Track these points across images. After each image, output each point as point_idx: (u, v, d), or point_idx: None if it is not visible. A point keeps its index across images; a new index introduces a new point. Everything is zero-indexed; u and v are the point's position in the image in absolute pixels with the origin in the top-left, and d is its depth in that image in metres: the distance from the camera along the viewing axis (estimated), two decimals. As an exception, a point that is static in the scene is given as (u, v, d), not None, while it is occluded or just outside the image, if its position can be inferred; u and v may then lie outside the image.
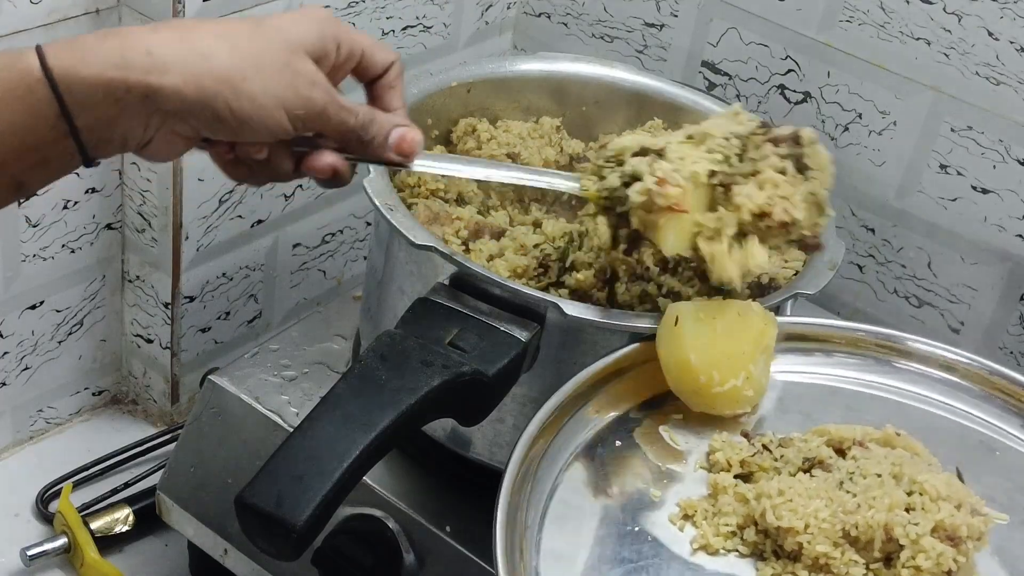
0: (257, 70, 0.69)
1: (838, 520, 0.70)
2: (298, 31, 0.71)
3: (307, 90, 0.71)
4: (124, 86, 0.66)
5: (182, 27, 0.69)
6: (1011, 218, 1.07)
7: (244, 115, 0.69)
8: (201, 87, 0.67)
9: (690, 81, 1.18)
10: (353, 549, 0.89)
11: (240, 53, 0.68)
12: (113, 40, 0.67)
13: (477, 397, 0.80)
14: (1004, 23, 1.02)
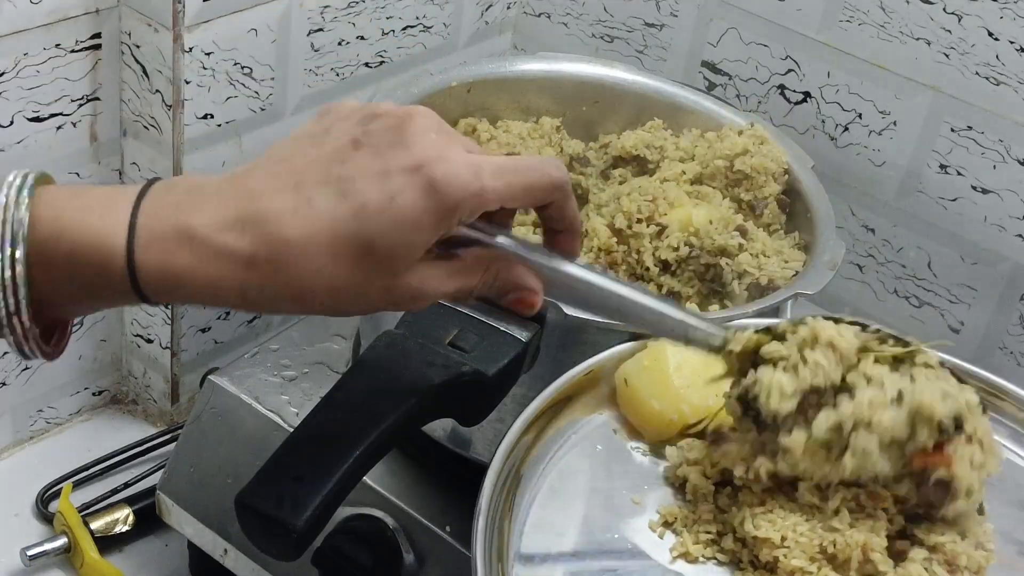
0: (351, 302, 0.62)
1: (816, 535, 0.70)
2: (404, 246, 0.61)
3: (408, 304, 0.65)
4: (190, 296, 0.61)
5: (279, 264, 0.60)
6: (1011, 218, 1.07)
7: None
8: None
9: (690, 81, 1.18)
10: (353, 549, 0.89)
11: (336, 293, 0.61)
12: (210, 270, 0.59)
13: (477, 397, 0.80)
14: (1004, 23, 1.02)
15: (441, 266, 0.63)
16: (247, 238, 0.58)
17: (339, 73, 1.14)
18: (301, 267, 0.59)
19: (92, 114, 1.03)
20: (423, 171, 0.59)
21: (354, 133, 0.60)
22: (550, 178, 0.64)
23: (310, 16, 1.08)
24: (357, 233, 0.58)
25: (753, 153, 0.99)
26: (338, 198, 0.59)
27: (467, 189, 0.59)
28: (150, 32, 0.99)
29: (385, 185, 0.59)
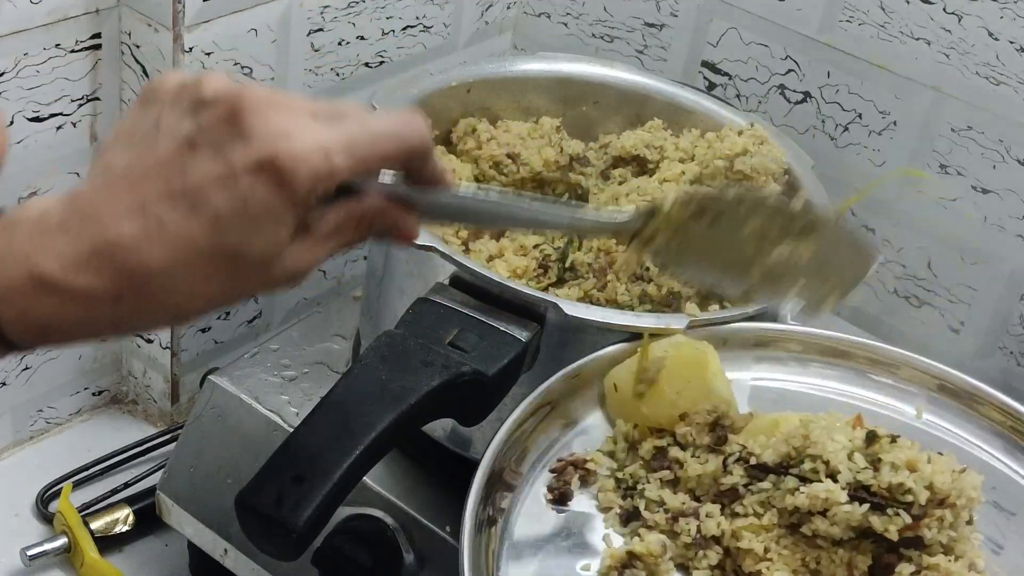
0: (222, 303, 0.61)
1: (800, 550, 0.70)
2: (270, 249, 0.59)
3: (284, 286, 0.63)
4: (65, 339, 0.59)
5: (148, 291, 0.57)
6: (1011, 218, 1.07)
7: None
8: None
9: (690, 81, 1.18)
10: (353, 549, 0.89)
11: (208, 300, 0.60)
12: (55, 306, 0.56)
13: (477, 397, 0.80)
14: (1004, 23, 1.02)
15: (310, 238, 0.60)
16: (106, 274, 0.56)
17: (339, 73, 1.14)
18: (171, 294, 0.57)
19: (92, 114, 1.03)
20: (268, 165, 0.56)
21: (186, 130, 0.57)
22: (408, 145, 0.61)
23: (310, 16, 1.08)
24: (219, 246, 0.56)
25: (753, 153, 0.99)
26: (189, 213, 0.55)
27: (316, 173, 0.57)
28: (150, 32, 0.99)
29: (233, 189, 0.56)
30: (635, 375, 0.79)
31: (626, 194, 0.93)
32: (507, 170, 0.99)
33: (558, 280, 0.91)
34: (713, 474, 0.75)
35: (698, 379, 0.79)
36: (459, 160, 1.00)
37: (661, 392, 0.78)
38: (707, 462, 0.76)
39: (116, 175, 0.57)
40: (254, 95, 0.57)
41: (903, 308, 1.15)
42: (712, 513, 0.73)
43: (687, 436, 0.77)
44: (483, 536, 0.72)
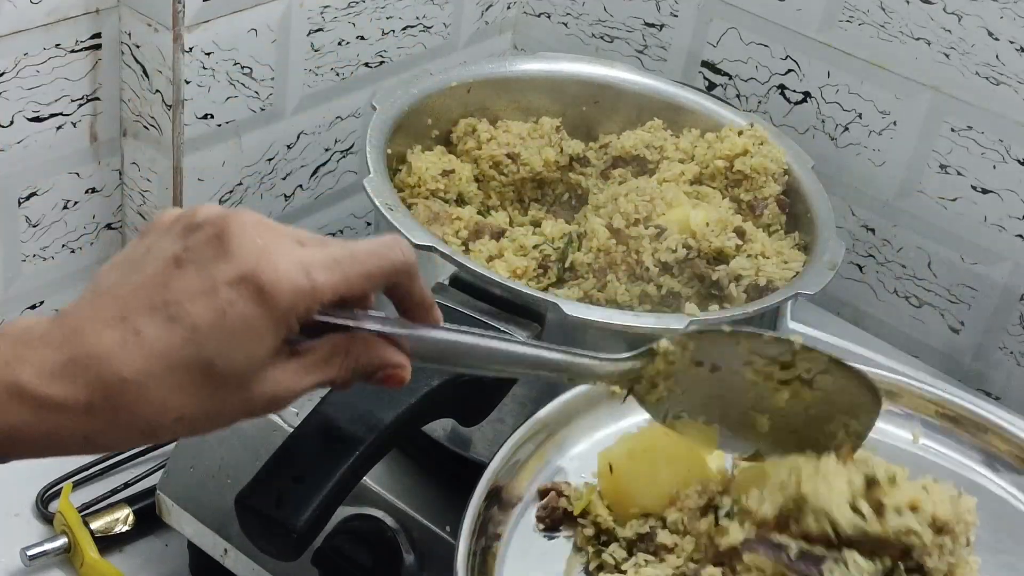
0: (209, 423, 0.60)
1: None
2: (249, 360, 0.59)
3: (265, 412, 0.62)
4: (32, 452, 0.60)
5: (120, 406, 0.57)
6: (1011, 218, 1.07)
7: None
8: None
9: (690, 81, 1.18)
10: (353, 549, 0.89)
11: (191, 423, 0.59)
12: (27, 416, 0.57)
13: (477, 397, 0.80)
14: (1004, 23, 1.02)
15: (293, 364, 0.60)
16: (80, 383, 0.56)
17: (339, 73, 1.14)
18: (143, 404, 0.56)
19: (92, 114, 1.03)
20: (249, 280, 0.56)
21: (174, 250, 0.58)
22: (390, 262, 0.61)
23: (310, 16, 1.08)
24: (195, 357, 0.56)
25: (753, 153, 0.99)
26: (167, 324, 0.56)
27: (297, 289, 0.57)
28: (150, 32, 0.99)
29: (213, 302, 0.56)
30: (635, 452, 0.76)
31: (625, 194, 0.93)
32: (507, 170, 0.99)
33: (558, 280, 0.91)
34: (707, 532, 0.72)
35: (696, 464, 0.76)
36: (459, 160, 1.00)
37: (656, 478, 0.75)
38: (699, 522, 0.73)
39: (102, 292, 0.58)
40: (241, 218, 0.58)
41: (903, 308, 1.15)
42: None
43: (678, 524, 0.73)
44: (476, 561, 0.72)
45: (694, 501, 0.74)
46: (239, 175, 1.10)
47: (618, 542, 0.74)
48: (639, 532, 0.74)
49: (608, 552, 0.73)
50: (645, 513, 0.75)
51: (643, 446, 0.76)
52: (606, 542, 0.74)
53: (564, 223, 0.96)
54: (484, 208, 0.99)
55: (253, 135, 1.09)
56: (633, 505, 0.75)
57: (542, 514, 0.76)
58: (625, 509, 0.75)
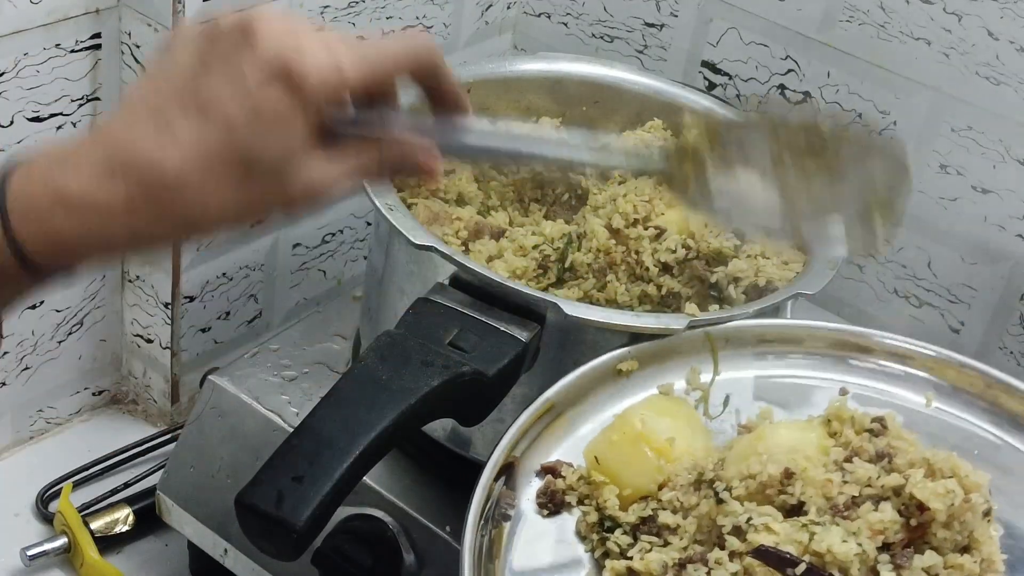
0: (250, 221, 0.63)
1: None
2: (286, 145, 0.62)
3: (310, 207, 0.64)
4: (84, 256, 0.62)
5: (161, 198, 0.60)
6: (1011, 218, 1.07)
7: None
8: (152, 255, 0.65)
9: (690, 81, 1.18)
10: (353, 549, 0.89)
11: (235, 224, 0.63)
12: (74, 220, 0.59)
13: (477, 397, 0.80)
14: (1004, 23, 1.02)
15: (326, 155, 0.61)
16: (121, 184, 0.58)
17: (339, 73, 1.14)
18: (184, 198, 0.58)
19: (92, 114, 1.03)
20: (277, 68, 0.57)
21: (201, 52, 0.59)
22: (414, 46, 0.63)
23: (310, 16, 1.08)
24: (229, 148, 0.58)
25: (753, 153, 0.99)
26: (201, 119, 0.58)
27: (325, 72, 0.58)
28: (150, 32, 0.99)
29: (243, 93, 0.58)
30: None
31: (624, 194, 0.93)
32: (507, 170, 0.99)
33: (558, 280, 0.91)
34: (709, 514, 0.72)
35: (682, 438, 0.77)
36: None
37: (644, 458, 0.76)
38: (698, 505, 0.73)
39: (134, 104, 0.60)
40: (267, 11, 0.60)
41: (903, 308, 1.15)
42: (721, 560, 0.70)
43: (674, 501, 0.74)
44: (483, 545, 0.72)
45: (684, 478, 0.75)
46: (239, 175, 1.10)
47: (621, 527, 0.74)
48: (641, 516, 0.74)
49: (613, 539, 0.74)
50: (643, 496, 0.76)
51: (621, 432, 0.77)
52: (610, 528, 0.75)
53: (564, 224, 0.96)
54: (484, 208, 0.99)
55: (253, 135, 1.08)
56: (626, 488, 0.75)
57: (542, 499, 0.76)
58: (621, 492, 0.76)
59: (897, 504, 0.70)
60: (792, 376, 0.85)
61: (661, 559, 0.71)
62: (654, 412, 0.78)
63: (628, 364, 0.82)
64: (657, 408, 0.79)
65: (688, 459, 0.76)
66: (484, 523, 0.73)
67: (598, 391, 0.81)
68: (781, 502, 0.71)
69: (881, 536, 0.69)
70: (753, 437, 0.76)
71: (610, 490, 0.75)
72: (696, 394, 0.83)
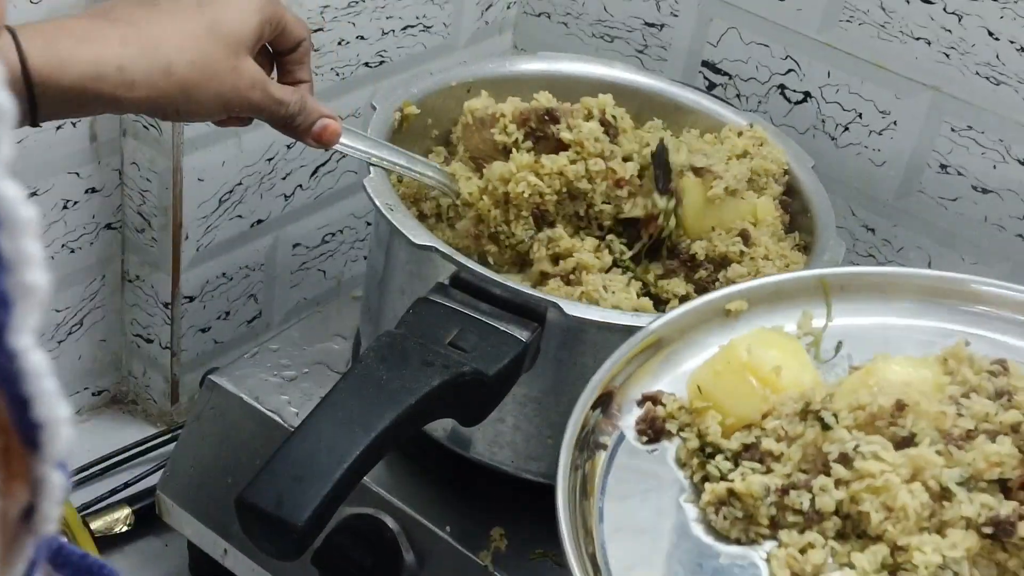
0: (209, 78, 0.77)
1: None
2: (244, 29, 0.79)
3: (248, 92, 0.80)
4: (95, 96, 0.73)
5: (148, 37, 0.75)
6: (1011, 218, 1.07)
7: (191, 114, 0.80)
8: (161, 97, 0.76)
9: (690, 81, 1.18)
10: (353, 549, 0.89)
11: (198, 65, 0.77)
12: (87, 50, 0.73)
13: (477, 397, 0.80)
14: (1004, 23, 1.02)
15: (267, 74, 0.82)
16: (118, 26, 0.74)
17: (339, 73, 1.14)
18: (165, 43, 0.75)
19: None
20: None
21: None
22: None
23: (310, 16, 1.08)
24: (203, 15, 0.77)
25: (753, 155, 0.99)
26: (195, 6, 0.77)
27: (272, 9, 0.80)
28: (150, 32, 0.99)
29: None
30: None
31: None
32: None
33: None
34: (815, 442, 0.70)
35: (789, 369, 0.75)
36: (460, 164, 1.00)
37: (749, 388, 0.74)
38: (804, 434, 0.71)
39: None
40: None
41: (903, 308, 1.15)
42: (826, 487, 0.68)
43: (778, 430, 0.72)
44: (578, 476, 0.70)
45: (790, 407, 0.72)
46: (239, 175, 1.10)
47: (723, 453, 0.72)
48: (744, 443, 0.72)
49: (714, 464, 0.72)
50: (746, 425, 0.73)
51: (726, 362, 0.75)
52: (711, 454, 0.73)
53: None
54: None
55: (253, 135, 1.08)
56: (729, 416, 0.73)
57: (642, 426, 0.74)
58: (725, 423, 0.74)
59: (1017, 441, 0.67)
60: (910, 325, 0.81)
61: (763, 482, 0.69)
62: (760, 343, 0.76)
63: (737, 304, 0.79)
64: (764, 340, 0.76)
65: (795, 390, 0.74)
66: (579, 452, 0.70)
67: (703, 328, 0.79)
68: (891, 434, 0.69)
69: (997, 469, 0.66)
70: (864, 372, 0.73)
71: (712, 416, 0.73)
72: (808, 339, 0.80)
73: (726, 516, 0.69)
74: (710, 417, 0.73)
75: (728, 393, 0.74)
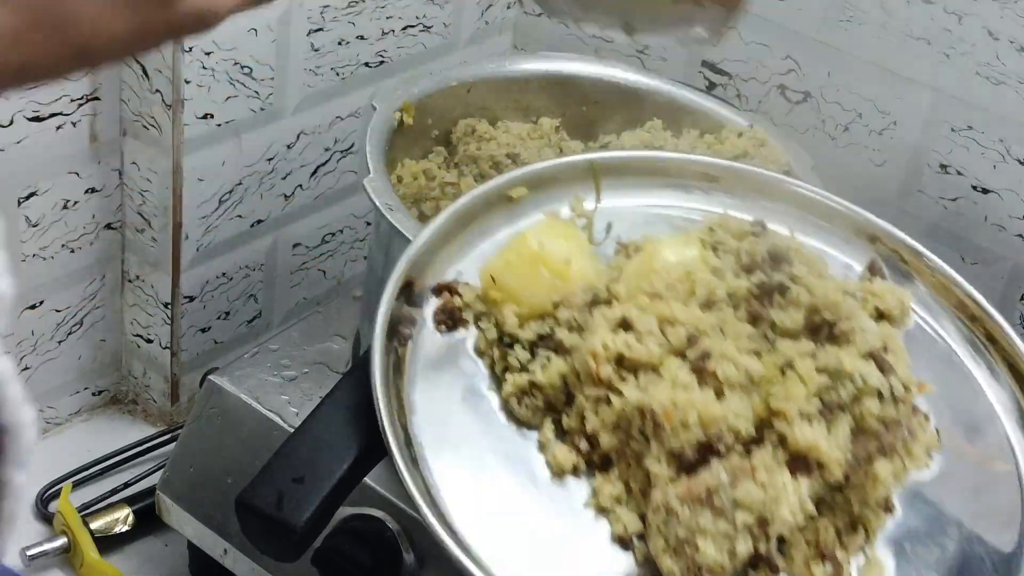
0: None
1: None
2: None
3: None
4: None
5: None
6: (1011, 218, 1.07)
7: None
8: None
9: (690, 81, 1.18)
10: (353, 549, 0.89)
11: None
12: None
13: (477, 397, 0.80)
14: (1004, 23, 1.02)
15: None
16: (9, 9, 0.58)
17: (339, 73, 1.14)
18: (74, 23, 0.59)
19: (92, 114, 1.03)
20: None
21: None
22: None
23: (310, 16, 1.08)
24: None
25: (753, 155, 0.99)
26: None
27: None
28: (150, 32, 0.99)
29: None
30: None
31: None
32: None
33: None
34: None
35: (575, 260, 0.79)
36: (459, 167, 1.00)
37: (541, 278, 0.78)
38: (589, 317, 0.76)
39: None
40: None
41: (903, 308, 1.15)
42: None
43: (571, 320, 0.76)
44: (391, 357, 0.74)
45: (580, 298, 0.77)
46: (239, 175, 1.10)
47: (520, 343, 0.76)
48: (539, 333, 0.76)
49: (512, 355, 0.76)
50: (539, 315, 0.77)
51: (518, 252, 0.79)
52: (508, 344, 0.76)
53: None
54: None
55: (253, 135, 1.08)
56: (523, 306, 0.77)
57: (440, 316, 0.78)
58: (519, 311, 0.78)
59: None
60: (671, 206, 0.87)
61: (561, 372, 0.74)
62: (549, 234, 0.80)
63: (517, 191, 0.84)
64: (552, 231, 0.81)
65: (581, 279, 0.78)
66: (389, 341, 0.74)
67: (489, 215, 0.82)
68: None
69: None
70: (643, 256, 0.79)
71: (509, 308, 0.77)
72: (581, 221, 0.84)
73: (527, 406, 0.74)
74: (507, 308, 0.77)
75: (521, 284, 0.78)
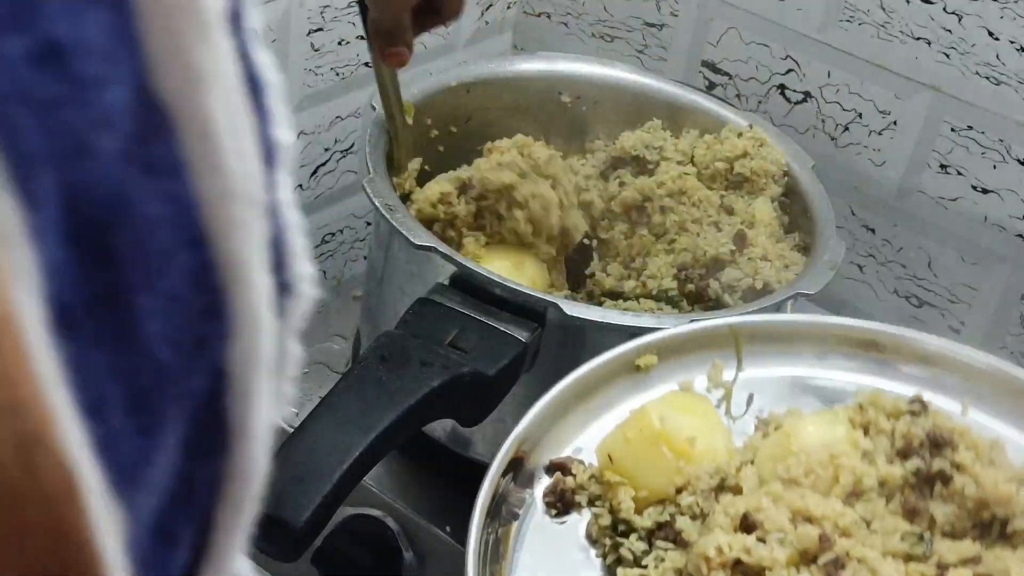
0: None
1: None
2: None
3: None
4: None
5: None
6: (1011, 218, 1.07)
7: None
8: None
9: (690, 81, 1.18)
10: (353, 549, 0.89)
11: None
12: None
13: (477, 397, 0.80)
14: (1004, 23, 1.02)
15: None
16: None
17: (339, 73, 1.14)
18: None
19: (92, 114, 1.03)
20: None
21: None
22: None
23: (310, 16, 1.08)
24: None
25: (753, 156, 0.99)
26: None
27: None
28: (150, 32, 0.99)
29: None
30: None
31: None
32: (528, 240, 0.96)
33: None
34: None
35: (703, 438, 0.72)
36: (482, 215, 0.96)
37: (662, 459, 0.70)
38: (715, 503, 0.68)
39: None
40: None
41: (903, 308, 1.15)
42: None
43: (694, 507, 0.69)
44: (488, 545, 0.68)
45: (705, 482, 0.69)
46: (239, 175, 1.10)
47: (636, 532, 0.69)
48: (657, 521, 0.69)
49: (627, 545, 0.68)
50: (659, 500, 0.70)
51: (638, 429, 0.71)
52: (623, 533, 0.69)
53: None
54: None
55: (253, 135, 1.08)
56: (642, 490, 0.70)
57: (550, 498, 0.71)
58: (637, 496, 0.70)
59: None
60: (822, 377, 0.79)
61: (677, 568, 0.66)
62: (673, 409, 0.72)
63: (646, 359, 0.76)
64: (676, 405, 0.73)
65: (709, 461, 0.70)
66: (491, 520, 0.68)
67: (613, 385, 0.75)
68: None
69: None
70: (782, 435, 0.71)
71: (625, 491, 0.70)
72: (718, 392, 0.77)
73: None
74: (623, 492, 0.70)
75: (641, 465, 0.70)
